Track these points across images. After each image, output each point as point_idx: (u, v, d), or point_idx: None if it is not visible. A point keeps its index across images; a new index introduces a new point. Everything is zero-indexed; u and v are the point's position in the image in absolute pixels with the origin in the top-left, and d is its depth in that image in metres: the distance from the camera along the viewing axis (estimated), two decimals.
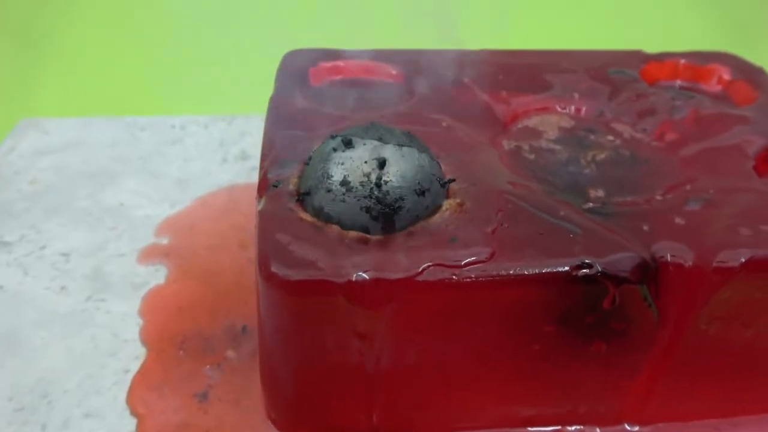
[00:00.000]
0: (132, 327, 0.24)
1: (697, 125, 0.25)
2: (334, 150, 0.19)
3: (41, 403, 0.21)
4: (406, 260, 0.17)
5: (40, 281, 0.26)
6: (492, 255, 0.17)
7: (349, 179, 0.18)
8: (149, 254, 0.28)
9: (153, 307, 0.25)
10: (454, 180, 0.19)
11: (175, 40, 0.40)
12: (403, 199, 0.18)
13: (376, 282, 0.16)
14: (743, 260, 0.17)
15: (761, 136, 0.24)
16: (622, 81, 0.28)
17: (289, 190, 0.20)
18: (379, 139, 0.19)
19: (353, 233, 0.18)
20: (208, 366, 0.22)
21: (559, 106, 0.27)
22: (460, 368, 0.18)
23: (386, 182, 0.18)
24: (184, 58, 0.40)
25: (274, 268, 0.16)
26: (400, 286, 0.16)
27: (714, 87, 0.29)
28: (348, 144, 0.18)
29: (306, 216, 0.18)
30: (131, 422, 0.21)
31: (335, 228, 0.18)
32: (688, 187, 0.21)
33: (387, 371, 0.18)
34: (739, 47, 0.32)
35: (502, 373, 0.19)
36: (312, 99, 0.26)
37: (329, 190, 0.18)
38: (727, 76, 0.29)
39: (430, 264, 0.16)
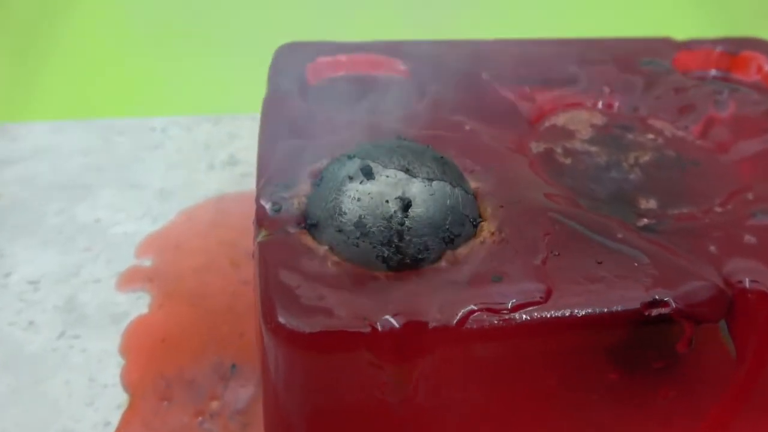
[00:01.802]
0: (112, 369, 0.21)
1: (745, 121, 0.22)
2: (350, 179, 0.15)
3: None
4: (443, 303, 0.14)
5: (4, 315, 0.23)
6: (548, 294, 0.14)
7: (366, 221, 0.15)
8: (130, 279, 0.25)
9: (136, 343, 0.22)
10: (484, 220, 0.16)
11: (154, 33, 0.36)
12: (428, 250, 0.15)
13: (407, 330, 0.13)
14: None
15: None
16: (655, 72, 0.25)
17: (292, 213, 0.16)
18: (406, 170, 0.15)
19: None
20: (199, 418, 0.19)
21: (589, 102, 0.24)
22: (506, 425, 0.15)
23: (409, 228, 0.15)
24: (164, 54, 0.36)
25: (281, 319, 0.13)
26: (437, 335, 0.13)
27: (752, 76, 0.27)
28: (368, 174, 0.15)
29: (315, 245, 0.15)
30: None
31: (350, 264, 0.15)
32: (749, 195, 0.19)
33: (412, 422, 0.15)
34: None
35: (554, 428, 0.16)
36: (312, 100, 0.23)
37: (340, 230, 0.15)
38: (765, 65, 0.27)
39: (474, 308, 0.13)
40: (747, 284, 0.15)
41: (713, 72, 0.27)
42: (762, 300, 0.15)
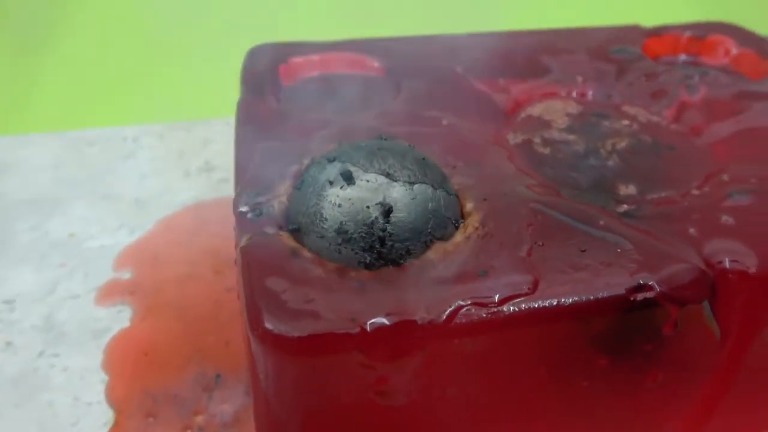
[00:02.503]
0: (95, 386, 0.21)
1: (717, 104, 0.23)
2: (331, 184, 0.15)
3: None
4: (431, 300, 0.14)
5: None
6: (535, 285, 0.14)
7: (347, 227, 0.15)
8: (109, 293, 0.24)
9: (119, 358, 0.22)
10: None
11: (121, 40, 0.35)
12: (410, 253, 0.15)
13: (397, 328, 0.13)
14: None
15: None
16: (625, 60, 0.26)
17: (273, 217, 0.16)
18: (387, 174, 0.15)
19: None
20: None
21: (563, 92, 0.24)
22: (499, 417, 0.15)
23: (391, 234, 0.15)
24: (132, 60, 0.35)
25: (268, 324, 0.13)
26: (427, 332, 0.13)
27: (720, 60, 0.27)
28: (348, 179, 0.15)
29: (298, 248, 0.15)
30: None
31: (338, 255, 0.15)
32: (725, 177, 0.19)
33: (405, 422, 0.15)
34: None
35: (546, 417, 0.16)
36: (287, 101, 0.22)
37: (322, 236, 0.15)
38: (732, 48, 0.27)
39: (463, 304, 0.13)
40: (727, 264, 0.15)
41: (682, 57, 0.27)
42: (743, 279, 0.15)
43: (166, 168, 0.32)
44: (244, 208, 0.16)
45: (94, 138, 0.34)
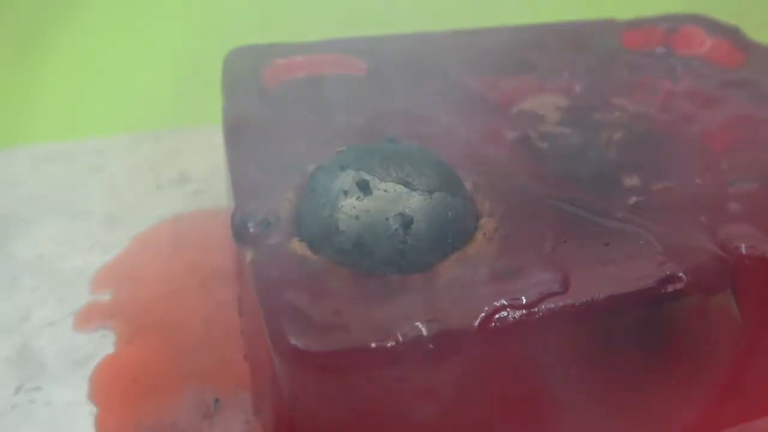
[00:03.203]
0: (83, 419, 0.19)
1: (701, 93, 0.23)
2: (345, 194, 0.14)
3: None
4: (463, 306, 0.13)
5: None
6: (565, 282, 0.13)
7: (365, 241, 0.14)
8: (89, 317, 0.23)
9: (107, 387, 0.20)
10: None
11: (77, 43, 0.33)
12: (430, 265, 0.14)
13: (432, 337, 0.12)
14: None
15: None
16: (608, 53, 0.26)
17: (280, 227, 0.15)
18: (405, 183, 0.14)
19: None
20: None
21: (551, 86, 0.24)
22: (528, 416, 0.15)
23: (412, 246, 0.14)
24: (91, 65, 0.33)
25: (294, 341, 0.12)
26: (463, 338, 0.13)
27: (696, 50, 0.28)
28: (364, 189, 0.14)
29: (313, 257, 0.14)
30: None
31: (357, 266, 0.14)
32: (723, 164, 0.19)
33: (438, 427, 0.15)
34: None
35: (578, 414, 0.15)
36: (273, 105, 0.21)
37: (338, 250, 0.14)
38: (706, 38, 0.28)
39: (496, 307, 0.13)
40: (744, 250, 0.15)
41: (659, 49, 0.28)
42: (760, 263, 0.15)
43: (136, 181, 0.30)
44: (246, 220, 0.15)
45: (55, 153, 0.32)
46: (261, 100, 0.21)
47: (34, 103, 0.33)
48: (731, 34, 0.28)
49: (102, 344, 0.22)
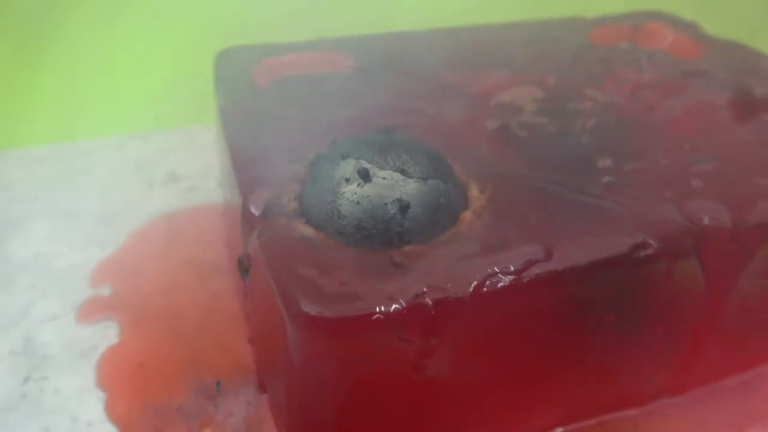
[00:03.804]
0: (93, 404, 0.20)
1: (663, 84, 0.25)
2: (347, 181, 0.16)
3: None
4: (459, 275, 0.14)
5: None
6: (549, 252, 0.15)
7: (366, 224, 0.15)
8: (91, 310, 0.23)
9: (114, 373, 0.21)
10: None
11: (66, 47, 0.34)
12: (424, 243, 0.15)
13: (437, 303, 0.14)
14: None
15: (724, 87, 0.24)
16: (578, 48, 0.28)
17: (286, 212, 0.16)
18: (401, 171, 0.16)
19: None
20: None
21: (526, 79, 0.26)
22: (514, 373, 0.16)
23: (408, 229, 0.15)
24: (79, 70, 0.34)
25: (305, 308, 0.13)
26: (458, 303, 0.14)
27: (658, 44, 0.29)
28: (365, 176, 0.16)
29: (318, 236, 0.16)
30: None
31: (358, 246, 0.15)
32: (686, 146, 0.21)
33: (437, 391, 0.16)
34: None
35: (555, 372, 0.17)
36: (266, 102, 0.22)
37: (341, 233, 0.15)
38: (668, 33, 0.30)
39: (487, 274, 0.14)
40: (706, 221, 0.17)
41: (625, 44, 0.29)
42: (721, 234, 0.17)
43: (127, 181, 0.31)
44: (254, 208, 0.16)
45: (44, 155, 0.33)
46: (254, 97, 0.22)
47: (22, 106, 0.33)
48: (690, 30, 0.30)
49: (106, 335, 0.22)
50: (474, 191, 0.17)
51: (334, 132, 0.19)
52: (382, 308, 0.13)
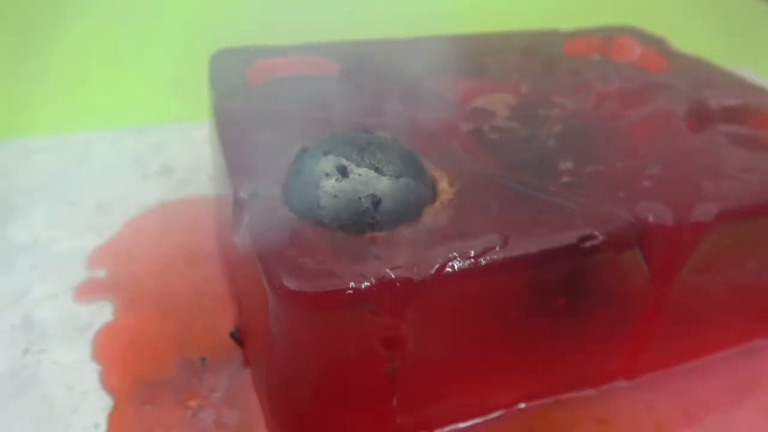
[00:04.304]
0: (89, 375, 0.21)
1: (628, 94, 0.27)
2: (327, 176, 0.17)
3: None
4: (424, 258, 0.16)
5: None
6: (506, 241, 0.17)
7: (342, 215, 0.17)
8: (87, 291, 0.25)
9: (110, 348, 0.22)
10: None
11: (67, 43, 0.35)
12: (395, 233, 0.17)
13: (403, 282, 0.15)
14: (716, 212, 0.19)
15: (684, 99, 0.26)
16: (551, 59, 0.30)
17: (272, 200, 0.18)
18: (376, 169, 0.18)
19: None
20: (189, 411, 0.20)
21: (502, 87, 0.27)
22: (476, 355, 0.18)
23: (380, 222, 0.17)
24: (79, 65, 0.35)
25: (286, 282, 0.15)
26: (426, 283, 0.16)
27: (627, 57, 0.32)
28: (343, 172, 0.17)
29: (299, 221, 0.17)
30: None
31: (334, 232, 0.17)
32: (642, 152, 0.23)
33: (405, 371, 0.18)
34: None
35: (513, 354, 0.19)
36: (257, 101, 0.24)
37: (319, 222, 0.17)
38: (636, 47, 0.32)
39: (448, 258, 0.16)
40: (651, 219, 0.19)
41: (596, 56, 0.31)
42: (663, 230, 0.19)
43: (123, 172, 0.33)
44: (243, 194, 0.18)
45: (42, 146, 0.34)
46: (245, 96, 0.24)
47: (23, 98, 0.35)
48: (658, 44, 0.32)
49: (101, 314, 0.24)
50: (444, 185, 0.19)
51: (319, 129, 0.21)
52: (354, 285, 0.15)
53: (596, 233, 0.17)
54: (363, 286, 0.15)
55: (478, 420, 0.20)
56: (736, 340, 0.23)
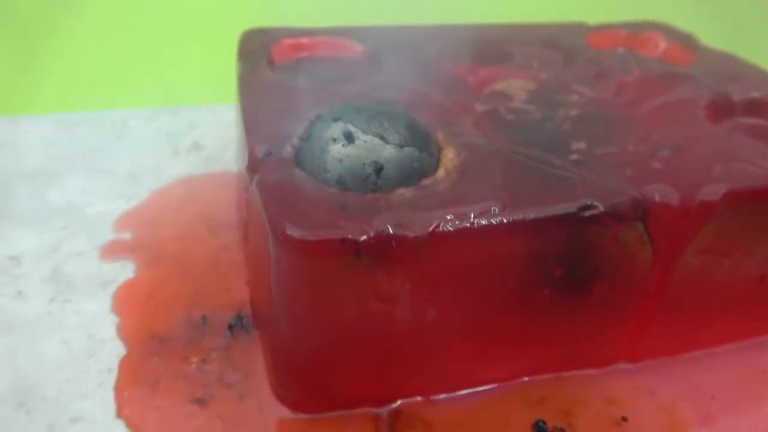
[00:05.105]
0: (107, 325, 0.23)
1: (649, 84, 0.27)
2: (334, 141, 0.18)
3: (18, 413, 0.19)
4: (421, 218, 0.16)
5: None
6: (504, 205, 0.17)
7: (345, 179, 0.18)
8: (113, 250, 0.26)
9: (128, 302, 0.24)
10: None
11: (114, 30, 0.37)
12: (396, 194, 0.18)
13: (400, 238, 0.16)
14: (723, 192, 0.19)
15: (705, 90, 0.26)
16: (573, 49, 0.30)
17: (284, 159, 0.19)
18: (381, 137, 0.18)
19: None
20: (193, 365, 0.21)
21: (522, 74, 0.28)
22: (473, 322, 0.19)
23: (381, 187, 0.18)
24: (121, 48, 0.37)
25: (289, 231, 0.16)
26: (424, 242, 0.16)
27: (653, 52, 0.31)
28: (349, 138, 0.18)
29: (307, 178, 0.18)
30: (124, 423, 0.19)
31: (339, 191, 0.18)
32: (655, 137, 0.23)
33: (402, 332, 0.18)
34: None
35: (511, 324, 0.19)
36: (283, 74, 0.25)
37: (325, 183, 0.18)
38: (662, 41, 0.31)
39: (445, 219, 0.16)
40: (657, 199, 0.19)
41: (621, 50, 0.31)
42: (668, 209, 0.19)
43: (155, 147, 0.34)
44: (258, 153, 0.19)
45: (83, 120, 0.36)
46: (270, 69, 0.25)
47: (68, 76, 0.37)
48: (686, 39, 0.31)
49: (124, 271, 0.25)
50: (450, 155, 0.19)
51: (336, 102, 0.22)
52: (352, 236, 0.16)
53: (597, 203, 0.18)
54: (360, 239, 0.16)
55: (478, 389, 0.20)
56: (744, 333, 0.23)
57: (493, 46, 0.29)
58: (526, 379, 0.21)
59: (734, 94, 0.26)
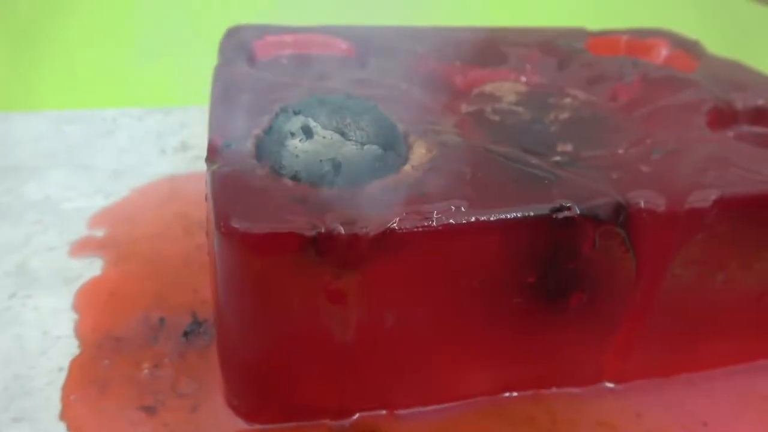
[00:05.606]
0: (64, 323, 0.22)
1: (648, 88, 0.26)
2: (292, 135, 0.17)
3: None
4: (379, 214, 0.15)
5: None
6: (470, 204, 0.16)
7: (301, 176, 0.16)
8: (83, 247, 0.25)
9: (89, 300, 0.23)
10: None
11: (105, 30, 0.37)
12: (356, 190, 0.16)
13: (351, 235, 0.15)
14: (713, 199, 0.17)
15: (707, 96, 0.25)
16: (570, 53, 0.29)
17: (244, 151, 0.18)
18: (342, 133, 0.17)
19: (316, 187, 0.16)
20: (146, 370, 0.20)
21: (514, 76, 0.27)
22: (439, 331, 0.17)
23: (339, 185, 0.16)
24: (114, 48, 0.37)
25: (234, 223, 0.15)
26: (377, 238, 0.15)
27: (656, 58, 0.30)
28: (307, 132, 0.17)
29: (264, 171, 0.17)
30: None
31: (298, 183, 0.16)
32: (648, 141, 0.21)
33: (360, 339, 0.17)
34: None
35: (482, 335, 0.18)
36: (261, 69, 0.24)
37: (280, 179, 0.17)
38: (667, 49, 0.30)
39: (404, 215, 0.15)
40: (642, 204, 0.17)
41: (621, 55, 0.30)
42: (653, 216, 0.17)
43: (143, 145, 0.34)
44: (217, 143, 0.18)
45: (74, 118, 0.36)
46: (249, 65, 0.24)
47: (58, 74, 0.37)
48: (691, 46, 0.30)
49: (91, 268, 0.24)
50: (421, 151, 0.18)
51: (309, 96, 0.21)
52: (301, 231, 0.15)
53: (571, 205, 0.16)
54: (308, 234, 0.15)
55: (450, 404, 0.19)
56: (740, 356, 0.21)
57: (487, 48, 0.28)
58: (506, 395, 0.20)
59: (738, 102, 0.24)
